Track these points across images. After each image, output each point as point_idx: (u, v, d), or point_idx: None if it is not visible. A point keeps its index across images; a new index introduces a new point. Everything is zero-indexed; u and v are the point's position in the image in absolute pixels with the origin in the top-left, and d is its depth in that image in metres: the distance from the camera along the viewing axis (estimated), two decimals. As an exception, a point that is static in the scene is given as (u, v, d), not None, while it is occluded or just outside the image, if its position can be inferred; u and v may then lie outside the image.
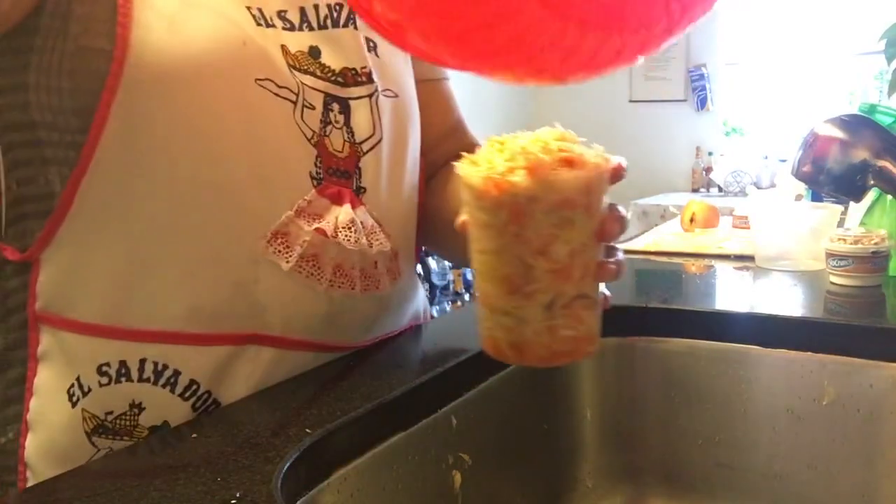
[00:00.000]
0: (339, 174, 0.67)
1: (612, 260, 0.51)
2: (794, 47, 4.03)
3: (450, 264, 3.38)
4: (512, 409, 0.77)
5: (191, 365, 0.63)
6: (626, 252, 1.35)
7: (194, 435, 0.56)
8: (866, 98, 3.49)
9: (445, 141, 0.85)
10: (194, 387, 0.63)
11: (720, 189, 4.06)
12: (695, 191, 4.18)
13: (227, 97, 0.60)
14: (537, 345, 0.48)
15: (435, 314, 1.14)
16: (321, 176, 0.65)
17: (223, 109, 0.60)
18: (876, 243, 0.97)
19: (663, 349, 0.87)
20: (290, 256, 0.63)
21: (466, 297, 3.54)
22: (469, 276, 3.47)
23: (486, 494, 0.72)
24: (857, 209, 1.12)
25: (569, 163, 0.46)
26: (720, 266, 1.18)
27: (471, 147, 0.78)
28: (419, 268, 2.22)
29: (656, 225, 2.10)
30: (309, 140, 0.65)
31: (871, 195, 1.05)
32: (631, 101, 4.47)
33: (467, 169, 0.47)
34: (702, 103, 4.28)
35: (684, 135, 4.34)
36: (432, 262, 3.36)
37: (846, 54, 3.80)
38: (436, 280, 3.37)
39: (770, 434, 0.82)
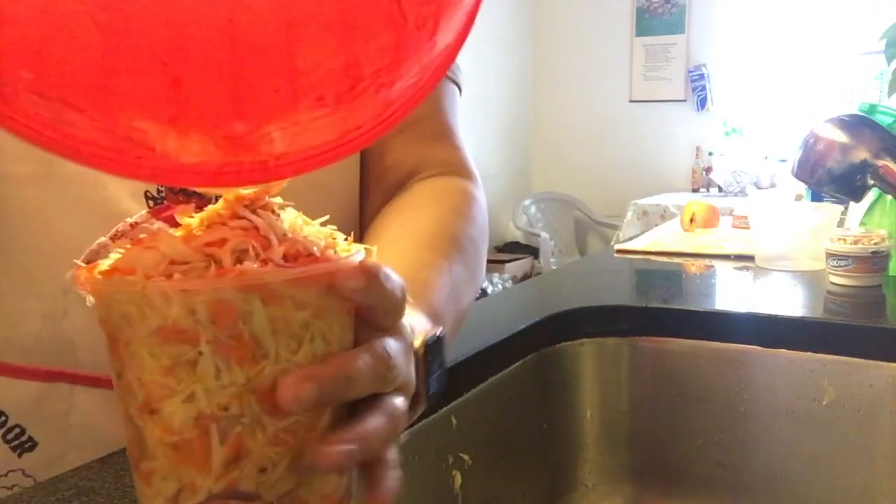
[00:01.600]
0: (190, 192, 0.57)
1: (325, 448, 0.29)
2: (794, 47, 4.03)
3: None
4: (512, 410, 0.77)
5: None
6: (627, 252, 1.37)
7: (194, 435, 0.56)
8: (866, 98, 3.49)
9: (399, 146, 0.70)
10: (2, 418, 0.61)
11: (720, 189, 4.06)
12: (695, 191, 4.19)
13: None
14: None
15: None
16: (163, 196, 0.58)
17: None
18: (876, 243, 0.97)
19: (663, 349, 0.87)
20: None
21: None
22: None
23: (486, 494, 0.72)
24: (857, 209, 1.12)
25: (216, 262, 0.29)
26: (720, 266, 1.18)
27: (435, 159, 0.68)
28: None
29: (656, 225, 2.10)
30: None
31: (871, 195, 1.05)
32: (631, 101, 4.47)
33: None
34: (702, 103, 4.28)
35: (684, 135, 4.34)
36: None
37: (846, 54, 3.80)
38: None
39: (770, 434, 0.82)
